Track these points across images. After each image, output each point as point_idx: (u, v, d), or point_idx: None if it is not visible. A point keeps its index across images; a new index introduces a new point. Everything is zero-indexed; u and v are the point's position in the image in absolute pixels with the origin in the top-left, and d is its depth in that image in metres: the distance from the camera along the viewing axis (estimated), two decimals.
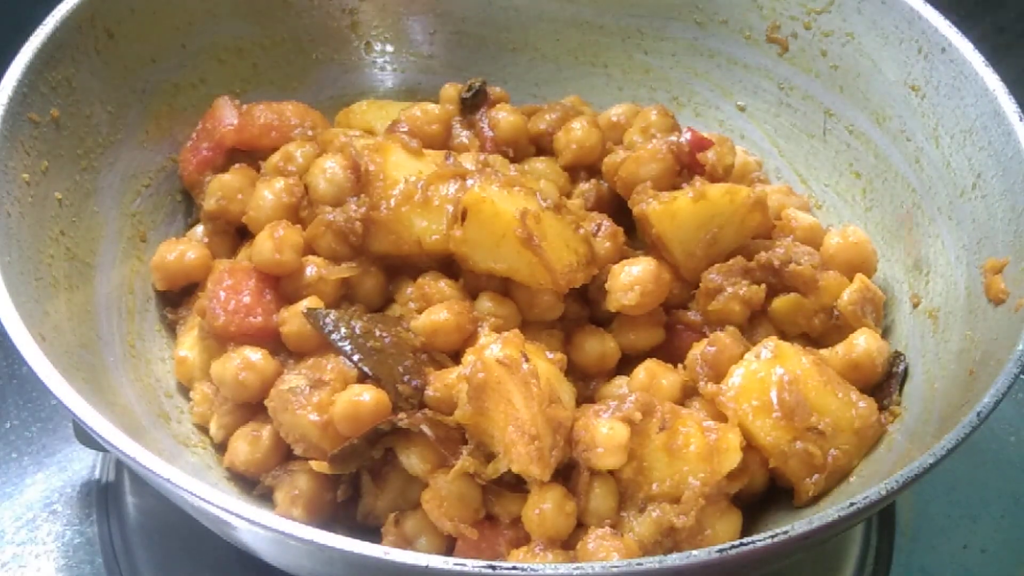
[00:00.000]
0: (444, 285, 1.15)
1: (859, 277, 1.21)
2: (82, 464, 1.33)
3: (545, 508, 1.01)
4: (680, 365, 1.16)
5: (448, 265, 1.17)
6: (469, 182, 1.13)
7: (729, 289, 1.17)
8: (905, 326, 1.23)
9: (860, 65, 1.33)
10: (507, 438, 1.00)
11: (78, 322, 1.12)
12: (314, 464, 1.05)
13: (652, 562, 0.83)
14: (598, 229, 1.21)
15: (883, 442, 1.10)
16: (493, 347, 1.03)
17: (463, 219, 1.11)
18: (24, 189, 1.10)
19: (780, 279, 1.19)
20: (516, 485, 1.03)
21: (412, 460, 1.05)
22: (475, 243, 1.12)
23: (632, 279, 1.15)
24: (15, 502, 1.29)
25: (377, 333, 1.10)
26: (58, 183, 1.16)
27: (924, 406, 1.10)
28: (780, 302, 1.19)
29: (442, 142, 1.32)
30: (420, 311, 1.14)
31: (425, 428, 1.03)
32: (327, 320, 1.10)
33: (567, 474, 1.05)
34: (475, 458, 1.02)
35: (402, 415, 1.04)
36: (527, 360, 1.02)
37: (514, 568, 0.82)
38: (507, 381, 1.00)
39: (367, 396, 1.04)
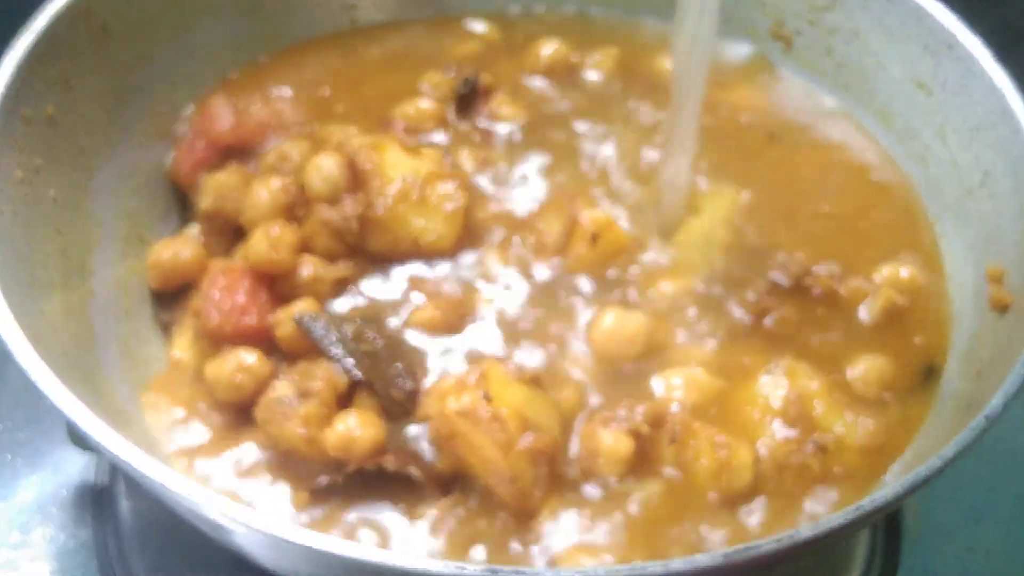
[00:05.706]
0: None
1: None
2: (76, 466, 1.31)
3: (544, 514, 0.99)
4: None
5: None
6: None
7: None
8: None
9: (865, 63, 1.32)
10: (489, 481, 0.99)
11: (73, 322, 1.10)
12: (293, 501, 1.03)
13: (656, 566, 0.82)
14: None
15: None
16: (451, 400, 1.00)
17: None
18: (18, 187, 1.09)
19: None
20: None
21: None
22: None
23: None
24: (8, 505, 1.28)
25: (369, 336, 1.08)
26: (53, 181, 1.14)
27: None
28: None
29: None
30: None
31: (413, 471, 1.00)
32: (316, 326, 1.08)
33: None
34: (464, 493, 1.01)
35: (389, 457, 1.01)
36: (489, 401, 0.99)
37: (514, 570, 0.81)
38: (471, 432, 0.98)
39: (362, 432, 1.01)
